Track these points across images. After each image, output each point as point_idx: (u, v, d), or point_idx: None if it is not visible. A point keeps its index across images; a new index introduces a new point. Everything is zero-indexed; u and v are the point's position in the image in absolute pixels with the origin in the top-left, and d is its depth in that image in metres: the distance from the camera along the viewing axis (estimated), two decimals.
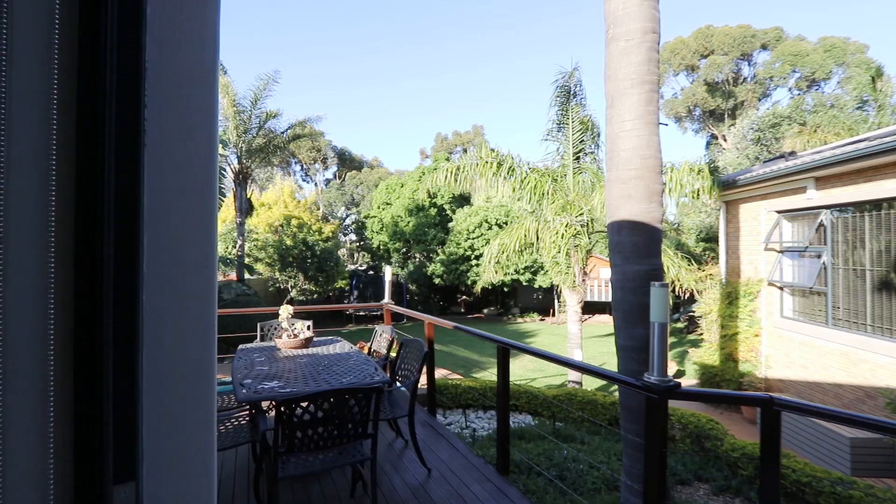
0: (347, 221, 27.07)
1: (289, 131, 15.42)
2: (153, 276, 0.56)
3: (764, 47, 26.37)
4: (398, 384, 3.85)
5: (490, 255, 9.83)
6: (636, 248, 2.86)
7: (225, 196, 12.17)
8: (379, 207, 22.56)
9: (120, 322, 0.55)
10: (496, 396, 3.82)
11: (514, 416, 5.98)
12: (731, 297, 7.74)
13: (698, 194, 8.40)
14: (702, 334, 8.85)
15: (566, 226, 8.24)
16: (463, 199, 22.25)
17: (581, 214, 8.35)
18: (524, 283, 18.71)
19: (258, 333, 4.55)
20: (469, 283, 18.47)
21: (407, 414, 3.40)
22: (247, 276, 14.81)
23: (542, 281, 18.37)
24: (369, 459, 2.66)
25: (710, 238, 17.09)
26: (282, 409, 2.33)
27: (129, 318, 0.55)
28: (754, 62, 27.11)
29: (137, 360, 0.56)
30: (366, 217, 23.26)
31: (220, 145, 11.06)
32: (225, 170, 12.22)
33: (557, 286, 19.17)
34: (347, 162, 37.03)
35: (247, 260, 15.26)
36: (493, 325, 17.78)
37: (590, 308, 18.89)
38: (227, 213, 18.23)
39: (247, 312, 6.35)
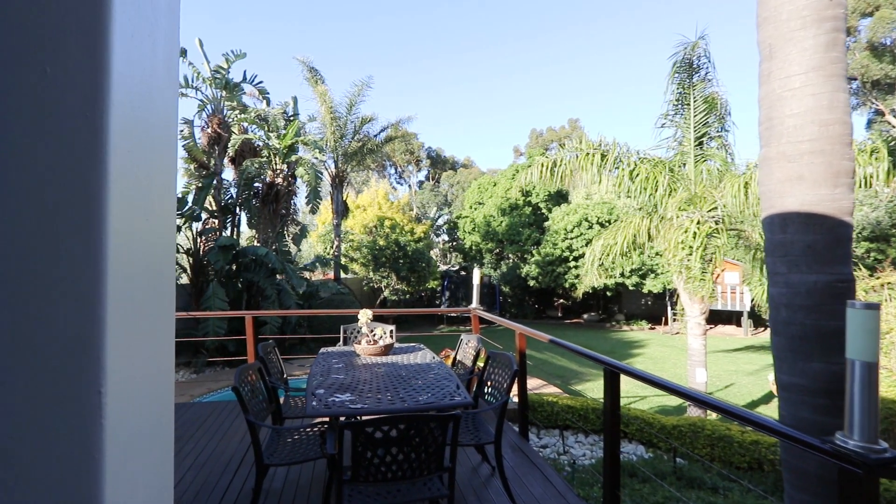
0: (440, 222, 27.45)
1: (382, 134, 15.98)
2: None
3: None
4: (485, 399, 3.45)
5: (592, 256, 8.94)
6: (811, 250, 2.08)
7: (322, 199, 12.94)
8: (471, 207, 22.43)
9: None
10: (603, 425, 3.21)
11: (624, 445, 5.20)
12: None
13: (869, 182, 6.63)
14: None
15: (697, 223, 7.05)
16: (560, 197, 21.13)
17: (714, 209, 7.12)
18: (630, 288, 17.06)
19: (341, 336, 4.50)
20: (567, 285, 17.40)
21: (493, 441, 2.99)
22: (343, 275, 15.66)
23: (651, 285, 16.58)
24: (446, 496, 2.31)
25: (877, 237, 13.83)
26: (348, 430, 2.08)
27: None
28: None
29: None
30: (458, 217, 23.31)
31: (318, 150, 11.77)
32: (322, 174, 13.01)
33: (672, 291, 17.14)
34: (440, 163, 37.77)
35: (343, 260, 16.14)
36: (594, 333, 16.48)
37: (709, 317, 16.55)
38: (325, 216, 19.58)
39: (331, 314, 6.54)
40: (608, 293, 17.86)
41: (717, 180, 7.63)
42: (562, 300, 20.51)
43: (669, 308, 17.75)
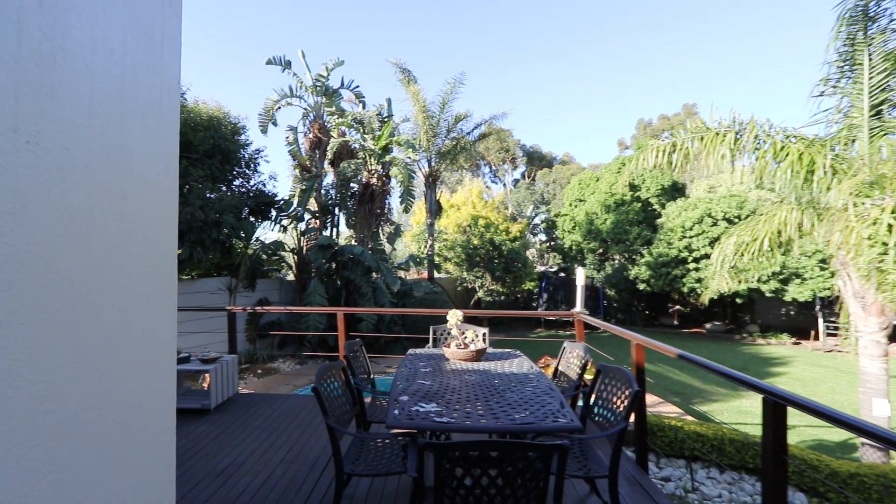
0: (536, 221, 26.51)
1: (475, 131, 15.79)
2: None
3: None
4: (593, 419, 2.92)
5: (722, 256, 7.66)
6: None
7: (416, 198, 13.12)
8: (571, 205, 21.25)
9: None
10: (761, 465, 2.49)
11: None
12: None
13: None
14: None
15: (893, 212, 5.49)
16: (675, 191, 19.02)
17: None
18: (767, 295, 14.61)
19: (430, 337, 4.27)
20: (685, 289, 15.49)
21: (608, 474, 2.46)
22: (436, 274, 15.76)
23: (795, 292, 13.99)
24: None
25: None
26: (431, 452, 1.76)
27: None
28: None
29: None
30: (556, 215, 22.25)
31: (411, 150, 11.94)
32: (416, 173, 13.20)
33: (826, 299, 14.21)
34: (536, 160, 36.63)
35: (436, 259, 16.25)
36: (719, 346, 14.38)
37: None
38: (419, 215, 19.97)
39: (423, 313, 6.33)
40: (738, 300, 15.50)
41: None
42: (678, 306, 18.37)
43: (821, 320, 14.83)
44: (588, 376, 3.78)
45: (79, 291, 0.72)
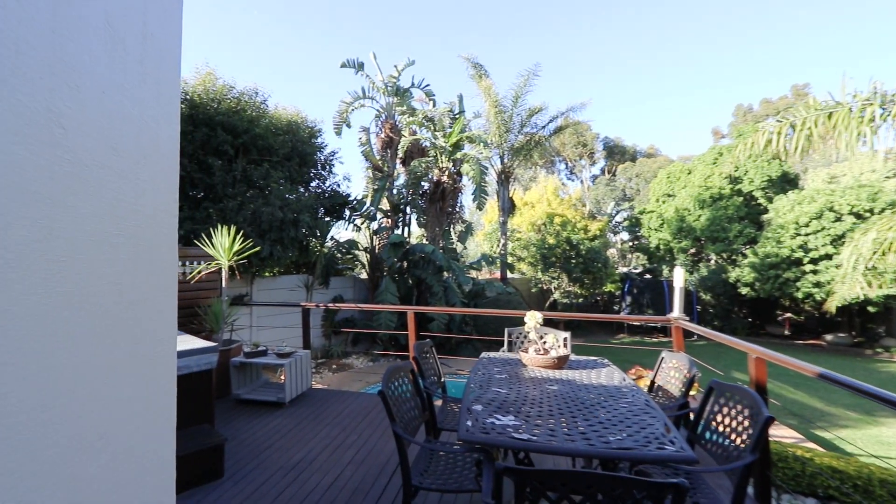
0: (618, 218, 24.96)
1: (551, 125, 15.15)
2: None
3: None
4: (703, 445, 2.47)
5: (855, 256, 6.51)
6: None
7: (488, 196, 12.85)
8: (658, 200, 19.70)
9: None
10: None
11: None
12: None
13: None
14: None
15: None
16: (786, 182, 16.82)
17: None
18: None
19: (505, 340, 3.98)
20: (799, 295, 13.58)
21: None
22: (509, 274, 15.35)
23: None
24: None
25: None
26: (510, 477, 1.51)
27: None
28: None
29: None
30: (641, 212, 20.75)
31: (483, 145, 11.68)
32: (487, 169, 12.93)
33: None
34: (617, 154, 34.64)
35: (509, 259, 15.83)
36: (844, 362, 12.38)
37: None
38: (492, 214, 19.63)
39: (495, 314, 6.01)
40: (871, 308, 13.26)
41: None
42: (789, 314, 16.21)
43: None
44: (693, 393, 3.27)
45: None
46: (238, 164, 8.38)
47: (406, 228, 12.91)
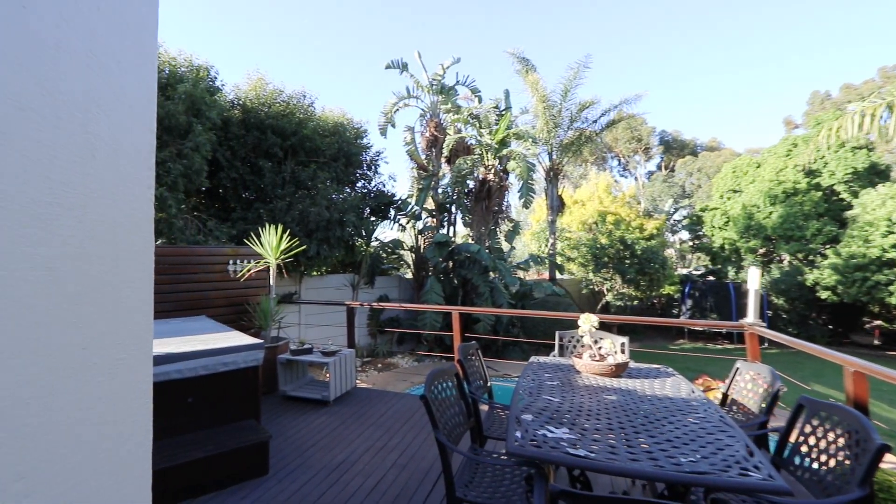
0: (677, 217, 23.62)
1: (602, 119, 14.54)
2: None
3: None
4: (791, 472, 2.16)
5: None
6: None
7: (535, 194, 12.50)
8: (722, 196, 18.44)
9: None
10: None
11: None
12: None
13: None
14: None
15: None
16: (874, 174, 15.19)
17: None
18: None
19: (556, 344, 3.76)
20: (892, 301, 12.19)
21: None
22: (558, 275, 14.87)
23: None
24: None
25: None
26: (566, 502, 1.33)
27: None
28: None
29: None
30: (702, 210, 19.50)
31: (530, 141, 11.36)
32: (535, 166, 12.57)
33: None
34: (675, 149, 32.88)
35: (558, 259, 15.35)
36: None
37: None
38: (540, 213, 19.13)
39: (544, 315, 5.72)
40: None
41: None
42: (879, 321, 14.61)
43: None
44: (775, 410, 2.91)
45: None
46: (287, 166, 8.63)
47: (451, 228, 12.83)
